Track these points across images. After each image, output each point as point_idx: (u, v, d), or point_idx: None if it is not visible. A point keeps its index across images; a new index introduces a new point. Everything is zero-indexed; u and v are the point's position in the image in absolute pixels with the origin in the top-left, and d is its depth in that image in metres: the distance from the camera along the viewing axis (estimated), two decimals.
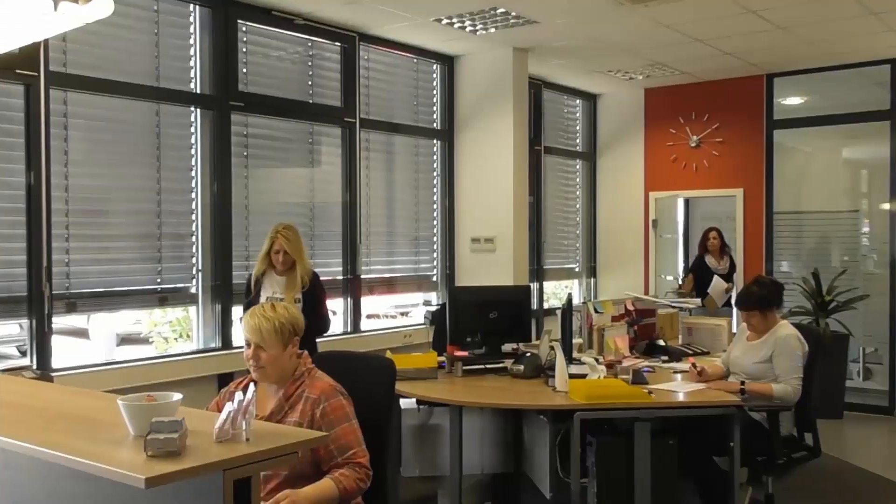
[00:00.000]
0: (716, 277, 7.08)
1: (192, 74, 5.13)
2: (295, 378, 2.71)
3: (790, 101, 7.84)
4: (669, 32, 6.12)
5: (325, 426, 2.58)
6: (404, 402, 4.16)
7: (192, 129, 5.14)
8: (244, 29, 5.37)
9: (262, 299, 4.45)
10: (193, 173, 5.13)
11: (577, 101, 8.60)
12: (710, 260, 7.33)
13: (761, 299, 4.28)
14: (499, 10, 5.58)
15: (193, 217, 5.13)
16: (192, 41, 5.13)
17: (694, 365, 4.30)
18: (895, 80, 7.08)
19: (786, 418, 4.17)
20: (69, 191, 4.50)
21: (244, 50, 5.38)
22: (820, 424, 4.38)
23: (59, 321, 4.53)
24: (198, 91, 5.15)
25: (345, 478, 2.53)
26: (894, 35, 6.28)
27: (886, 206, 7.24)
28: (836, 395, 6.79)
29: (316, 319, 4.51)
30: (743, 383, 4.14)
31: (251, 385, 2.65)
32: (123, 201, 4.83)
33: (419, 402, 4.10)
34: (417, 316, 6.75)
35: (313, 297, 4.60)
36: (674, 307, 5.87)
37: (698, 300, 6.61)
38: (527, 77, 6.84)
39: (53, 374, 4.22)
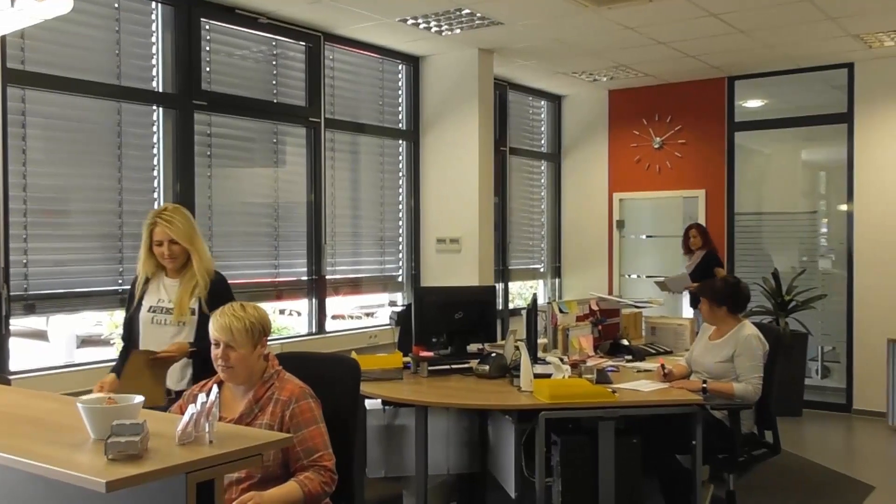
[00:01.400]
0: (683, 272, 7.20)
1: (154, 73, 5.07)
2: (264, 380, 2.69)
3: (750, 103, 7.96)
4: (632, 35, 6.18)
5: (293, 428, 2.58)
6: (369, 403, 4.15)
7: (155, 129, 5.07)
8: (207, 27, 5.32)
9: (144, 311, 3.44)
10: (155, 173, 5.07)
11: (542, 103, 8.65)
12: (685, 260, 7.38)
13: (713, 290, 4.43)
14: (464, 11, 5.59)
15: None
16: (154, 39, 5.07)
17: (663, 366, 4.35)
18: (852, 83, 7.23)
19: (746, 416, 4.24)
20: (27, 190, 4.42)
21: (207, 48, 5.33)
22: (779, 422, 4.45)
23: (16, 323, 4.44)
24: (160, 90, 5.09)
25: (310, 481, 2.53)
26: (851, 39, 6.41)
27: (844, 207, 7.39)
28: (796, 393, 6.92)
29: None
30: (705, 382, 4.20)
31: (214, 387, 2.63)
32: (84, 201, 4.75)
33: (384, 402, 4.09)
34: (383, 316, 6.74)
35: (218, 301, 3.17)
36: (637, 307, 5.92)
37: (661, 299, 6.69)
38: (492, 78, 6.86)
39: (11, 377, 4.14)
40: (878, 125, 7.12)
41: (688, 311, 7.30)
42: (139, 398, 2.17)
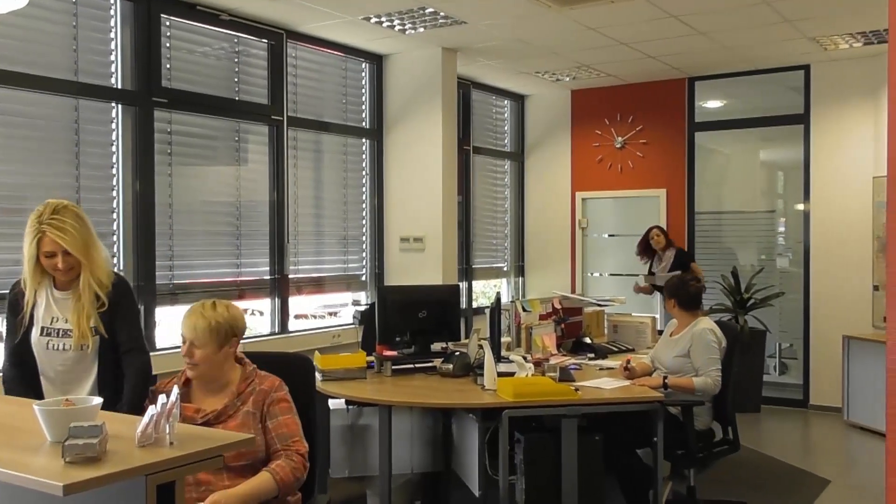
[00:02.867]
0: (675, 273, 6.99)
1: (113, 69, 4.99)
2: (245, 377, 2.77)
3: (710, 104, 8.07)
4: (595, 35, 6.23)
5: (270, 416, 2.68)
6: (333, 403, 4.14)
7: (114, 126, 5.00)
8: (168, 24, 5.25)
9: (35, 334, 2.93)
10: (115, 171, 4.99)
11: (506, 102, 8.68)
12: (654, 263, 7.31)
13: (668, 286, 4.58)
14: (427, 10, 5.59)
15: (115, 216, 4.99)
16: (112, 35, 4.99)
17: (628, 362, 4.40)
18: (808, 85, 7.37)
19: (704, 412, 4.30)
20: None
21: (168, 45, 5.26)
22: (738, 418, 4.52)
23: None
24: (119, 86, 5.01)
25: (281, 469, 2.59)
26: (807, 42, 6.53)
27: (801, 206, 7.53)
28: (754, 389, 7.03)
29: (134, 355, 2.94)
30: (665, 378, 4.25)
31: (175, 388, 2.60)
32: (40, 199, 4.60)
33: (348, 402, 4.08)
34: (346, 316, 6.71)
35: (118, 318, 2.93)
36: (600, 305, 5.97)
37: (623, 298, 6.74)
38: (455, 77, 6.87)
39: None
40: (834, 126, 7.27)
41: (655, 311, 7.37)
42: (98, 400, 2.14)
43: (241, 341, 2.82)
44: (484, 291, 8.58)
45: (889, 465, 1.29)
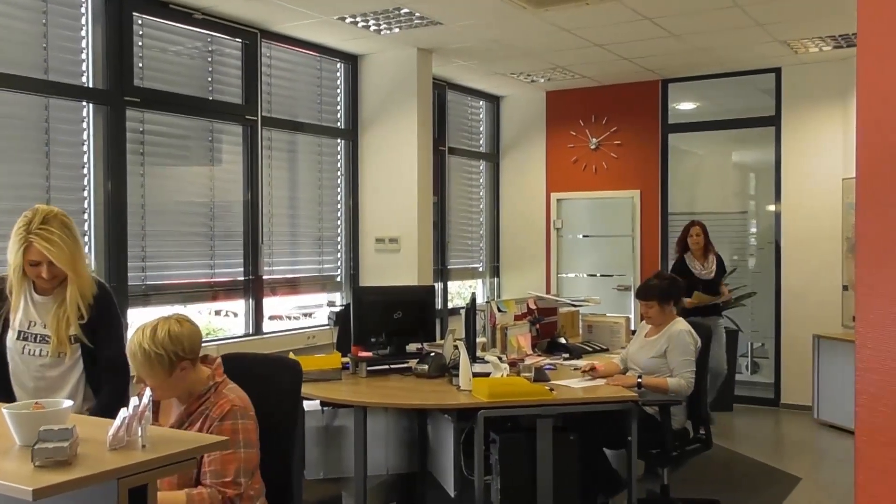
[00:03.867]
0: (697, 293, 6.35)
1: (84, 68, 4.93)
2: (200, 393, 2.56)
3: (683, 105, 8.14)
4: (569, 37, 6.26)
5: None
6: (308, 404, 4.11)
7: (85, 125, 4.94)
8: (140, 22, 5.20)
9: (12, 337, 2.89)
10: (86, 171, 4.94)
11: (481, 103, 8.69)
12: (691, 262, 6.61)
13: (661, 291, 4.49)
14: (403, 11, 5.59)
15: (86, 217, 4.94)
16: (83, 33, 4.93)
17: (593, 367, 4.44)
18: (779, 87, 7.45)
19: (679, 412, 4.33)
20: None
21: (140, 44, 5.21)
22: (711, 417, 4.56)
23: None
24: (90, 85, 4.95)
25: (200, 499, 2.39)
26: (779, 45, 6.60)
27: (772, 207, 7.61)
28: (727, 388, 7.10)
29: (114, 375, 2.91)
30: (640, 377, 4.28)
31: (147, 390, 2.57)
32: (9, 199, 4.59)
33: (323, 403, 4.07)
34: (321, 317, 6.68)
35: (99, 333, 2.91)
36: (574, 306, 6.00)
37: (598, 298, 6.77)
38: (431, 78, 6.87)
39: None
40: (804, 128, 7.36)
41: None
42: (68, 402, 2.11)
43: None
44: (459, 292, 8.58)
45: (858, 463, 1.31)
